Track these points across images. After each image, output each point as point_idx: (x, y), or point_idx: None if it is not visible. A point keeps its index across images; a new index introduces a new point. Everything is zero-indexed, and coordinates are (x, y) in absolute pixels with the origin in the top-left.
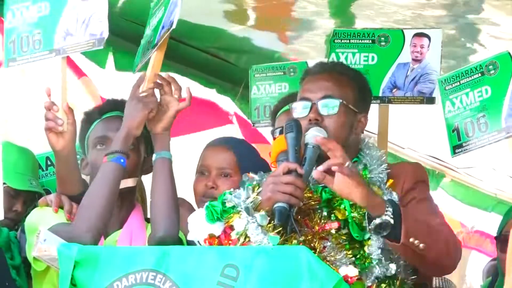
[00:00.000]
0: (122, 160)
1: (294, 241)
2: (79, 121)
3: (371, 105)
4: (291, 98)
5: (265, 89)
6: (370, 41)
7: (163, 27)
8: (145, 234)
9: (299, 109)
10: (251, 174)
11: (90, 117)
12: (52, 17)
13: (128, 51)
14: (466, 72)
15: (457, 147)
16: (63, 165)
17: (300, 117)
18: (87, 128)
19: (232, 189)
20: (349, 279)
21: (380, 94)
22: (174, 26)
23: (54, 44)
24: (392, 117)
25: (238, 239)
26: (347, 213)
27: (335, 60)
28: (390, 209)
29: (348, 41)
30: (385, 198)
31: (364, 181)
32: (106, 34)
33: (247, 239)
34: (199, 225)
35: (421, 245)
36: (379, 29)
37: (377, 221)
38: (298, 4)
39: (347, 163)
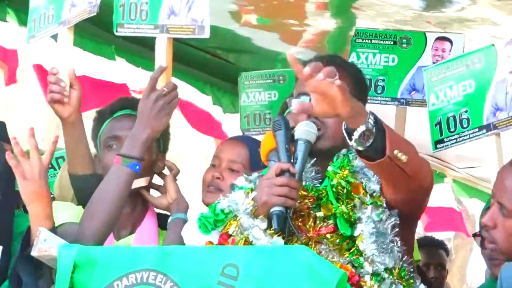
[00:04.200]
0: (137, 167)
1: (294, 244)
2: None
3: (389, 106)
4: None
5: (255, 97)
6: (392, 43)
7: (173, 13)
8: (157, 243)
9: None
10: (245, 177)
11: (101, 116)
12: None
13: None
14: (451, 64)
15: (438, 142)
16: (71, 134)
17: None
18: (99, 126)
19: (221, 196)
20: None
21: (399, 96)
22: (207, 36)
23: (62, 17)
24: (392, 117)
25: (238, 243)
26: (334, 208)
27: (356, 59)
28: (372, 117)
29: (369, 41)
30: (372, 186)
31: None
32: (99, 1)
33: (246, 243)
34: (194, 238)
35: (403, 157)
36: (401, 30)
37: (360, 129)
38: (298, 4)
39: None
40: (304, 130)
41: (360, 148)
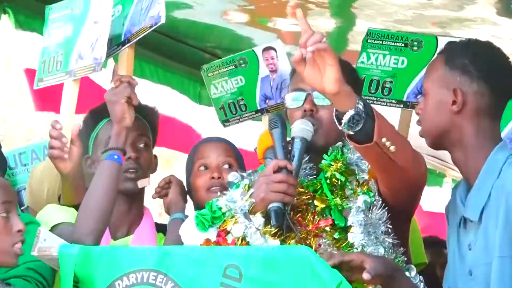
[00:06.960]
0: (116, 157)
1: (292, 241)
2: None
3: (394, 109)
4: None
5: (223, 87)
6: (403, 45)
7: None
8: (156, 245)
9: (293, 100)
10: (239, 173)
11: (96, 116)
12: (72, 39)
13: None
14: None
15: None
16: (70, 184)
17: (294, 108)
18: (93, 126)
19: (218, 195)
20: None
21: (405, 99)
22: (163, 21)
23: (69, 66)
24: (394, 118)
25: (236, 243)
26: (328, 201)
27: (366, 59)
28: (362, 102)
29: (381, 42)
30: (365, 176)
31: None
32: (103, 59)
33: (244, 242)
34: (192, 236)
35: (392, 147)
36: (413, 33)
37: (349, 113)
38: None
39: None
40: (301, 128)
41: (350, 132)
